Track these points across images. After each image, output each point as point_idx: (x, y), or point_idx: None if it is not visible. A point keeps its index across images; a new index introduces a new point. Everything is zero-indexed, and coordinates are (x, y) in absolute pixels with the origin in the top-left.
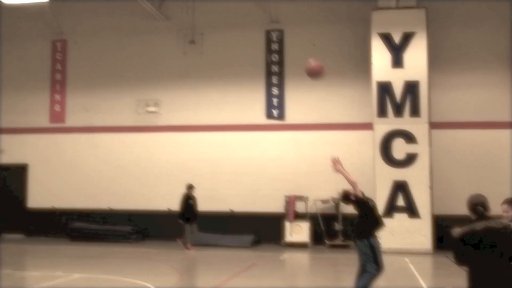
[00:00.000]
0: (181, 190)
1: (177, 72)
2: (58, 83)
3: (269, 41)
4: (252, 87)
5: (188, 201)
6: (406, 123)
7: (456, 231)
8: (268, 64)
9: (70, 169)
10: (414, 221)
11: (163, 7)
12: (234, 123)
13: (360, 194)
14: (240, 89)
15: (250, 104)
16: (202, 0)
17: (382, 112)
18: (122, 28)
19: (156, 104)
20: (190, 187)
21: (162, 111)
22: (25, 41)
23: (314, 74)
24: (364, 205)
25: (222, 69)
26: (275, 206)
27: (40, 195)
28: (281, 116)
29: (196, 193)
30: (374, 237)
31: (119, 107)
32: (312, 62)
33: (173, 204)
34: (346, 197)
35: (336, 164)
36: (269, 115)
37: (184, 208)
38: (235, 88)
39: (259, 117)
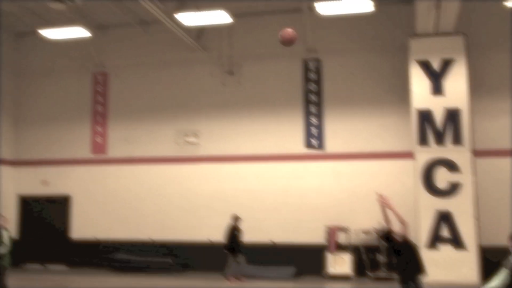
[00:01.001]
0: (221, 221)
1: (216, 102)
2: (100, 115)
3: (306, 70)
4: (290, 117)
5: (234, 232)
6: (448, 151)
7: None
8: (306, 93)
9: (112, 200)
10: (460, 253)
11: (202, 39)
12: (273, 153)
13: (407, 235)
14: (278, 119)
15: (289, 134)
16: (240, 32)
17: (423, 141)
18: (161, 60)
19: (195, 135)
20: (236, 219)
21: (201, 142)
22: (67, 75)
23: (287, 42)
24: (409, 248)
25: (260, 99)
26: (316, 237)
27: (83, 226)
28: (320, 145)
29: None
30: (418, 279)
31: (159, 138)
32: (287, 32)
33: (214, 235)
34: (387, 236)
35: (385, 201)
36: (308, 145)
37: (230, 240)
38: (273, 118)
39: (298, 147)
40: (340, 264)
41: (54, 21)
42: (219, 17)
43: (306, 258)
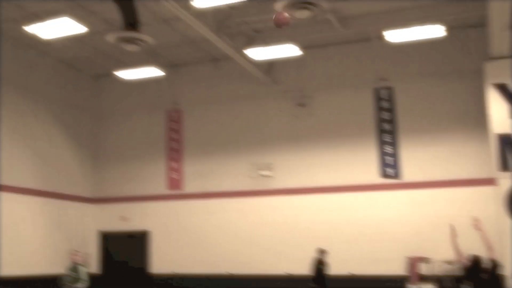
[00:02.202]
0: (297, 253)
1: (288, 134)
2: (175, 151)
3: (378, 99)
4: (364, 147)
5: (319, 265)
6: None
7: None
8: (379, 122)
9: (189, 234)
10: None
11: (271, 72)
12: (348, 183)
13: (496, 262)
14: (351, 149)
15: (363, 163)
16: (309, 63)
17: (505, 166)
18: (233, 95)
19: (269, 168)
20: (321, 252)
21: (275, 174)
22: (142, 113)
23: (281, 24)
24: (496, 279)
25: (333, 129)
26: (396, 268)
27: (162, 260)
28: (396, 174)
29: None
30: None
31: (233, 172)
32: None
33: (290, 267)
34: (475, 264)
35: (478, 224)
36: (384, 174)
37: (316, 273)
38: (346, 148)
39: (373, 176)
40: None
41: (128, 62)
42: (288, 50)
43: None
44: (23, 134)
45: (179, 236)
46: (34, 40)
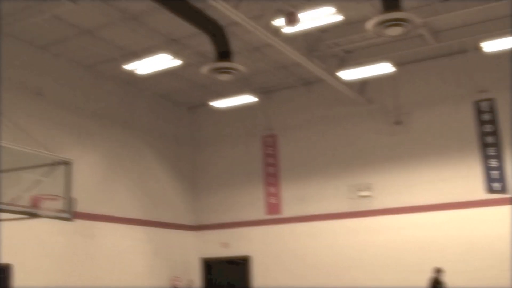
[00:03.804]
0: (401, 273)
1: (386, 153)
2: (272, 176)
3: (479, 112)
4: (465, 162)
5: (436, 285)
6: None
7: None
8: (481, 135)
9: (289, 258)
10: None
11: (365, 92)
12: (451, 201)
13: None
14: (453, 165)
15: (466, 179)
16: (404, 79)
17: None
18: (327, 117)
19: (368, 188)
20: (438, 271)
21: (374, 195)
22: (238, 140)
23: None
24: None
25: (432, 146)
26: (507, 286)
27: (264, 285)
28: (503, 188)
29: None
30: None
31: (331, 194)
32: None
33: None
34: None
35: None
36: (490, 190)
37: None
38: (447, 164)
39: (478, 192)
40: None
41: (222, 92)
42: (381, 68)
43: None
44: (127, 167)
45: (280, 260)
46: (132, 77)
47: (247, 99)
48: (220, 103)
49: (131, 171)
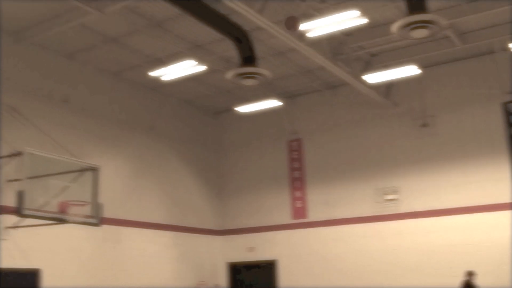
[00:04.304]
0: (430, 277)
1: (412, 156)
2: (297, 180)
3: (507, 113)
4: (494, 164)
5: None
6: None
7: None
8: (510, 137)
9: (316, 262)
10: None
11: (391, 94)
12: (479, 204)
13: None
14: (481, 168)
15: (495, 182)
16: (430, 81)
17: None
18: (352, 120)
19: (394, 192)
20: (470, 274)
21: (401, 198)
22: (263, 145)
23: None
24: None
25: (459, 148)
26: None
27: None
28: None
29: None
30: None
31: (357, 197)
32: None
33: None
34: None
35: None
36: None
37: None
38: (475, 167)
39: (506, 195)
40: None
41: (246, 97)
42: (407, 70)
43: None
44: (153, 173)
45: (306, 264)
46: (157, 83)
47: (272, 103)
48: (245, 108)
49: (157, 177)
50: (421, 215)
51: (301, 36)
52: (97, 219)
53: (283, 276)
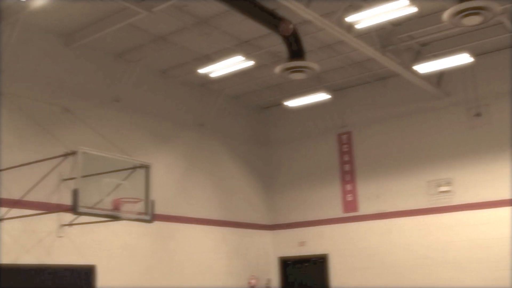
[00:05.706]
0: (488, 272)
1: (466, 147)
2: (348, 173)
3: None
4: None
5: None
6: None
7: None
8: None
9: (367, 255)
10: None
11: (442, 84)
12: None
13: None
14: None
15: None
16: (483, 70)
17: None
18: (402, 112)
19: (448, 183)
20: None
21: (454, 190)
22: (312, 138)
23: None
24: None
25: None
26: None
27: (342, 283)
28: None
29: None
30: None
31: (409, 190)
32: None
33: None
34: None
35: None
36: None
37: None
38: None
39: None
40: None
41: (295, 90)
42: (459, 59)
43: None
44: (204, 168)
45: (358, 257)
46: (206, 80)
47: (321, 97)
48: (294, 102)
49: (208, 172)
50: (476, 206)
51: (350, 27)
52: (150, 215)
53: (334, 270)
